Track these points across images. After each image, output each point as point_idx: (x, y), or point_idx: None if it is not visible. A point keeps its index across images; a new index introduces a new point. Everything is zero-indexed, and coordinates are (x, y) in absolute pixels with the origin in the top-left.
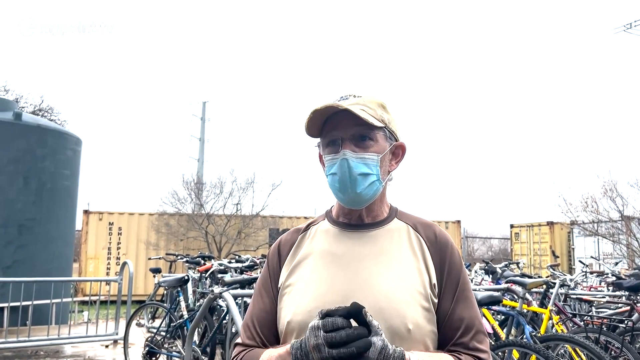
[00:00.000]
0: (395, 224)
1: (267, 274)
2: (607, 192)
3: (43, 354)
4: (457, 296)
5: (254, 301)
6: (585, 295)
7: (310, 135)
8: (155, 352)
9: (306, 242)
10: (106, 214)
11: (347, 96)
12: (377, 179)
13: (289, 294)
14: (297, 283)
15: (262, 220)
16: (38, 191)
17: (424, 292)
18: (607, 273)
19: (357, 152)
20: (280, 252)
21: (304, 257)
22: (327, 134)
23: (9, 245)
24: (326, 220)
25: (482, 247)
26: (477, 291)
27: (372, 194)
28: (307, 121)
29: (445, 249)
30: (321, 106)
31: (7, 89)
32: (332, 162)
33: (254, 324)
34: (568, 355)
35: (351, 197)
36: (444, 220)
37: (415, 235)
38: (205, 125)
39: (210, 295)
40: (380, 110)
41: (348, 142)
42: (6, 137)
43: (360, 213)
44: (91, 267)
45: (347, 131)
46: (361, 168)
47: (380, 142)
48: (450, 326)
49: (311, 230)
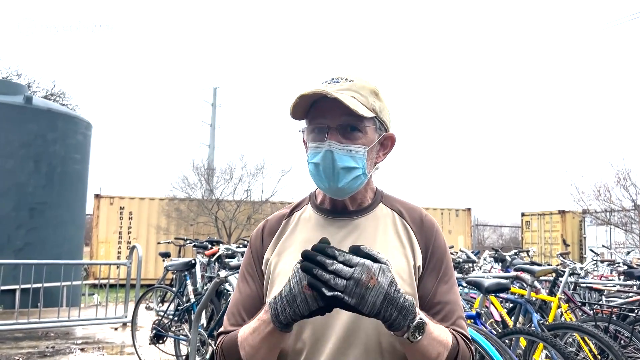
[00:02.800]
0: (381, 211)
1: (251, 259)
2: (621, 181)
3: (53, 335)
4: (439, 279)
5: (239, 287)
6: (595, 284)
7: (294, 119)
8: (163, 335)
9: (289, 229)
10: (117, 198)
11: (339, 79)
12: (363, 172)
13: (274, 284)
14: (281, 272)
15: (272, 206)
16: (49, 175)
17: (409, 279)
18: (619, 262)
19: (343, 143)
20: (264, 237)
21: (288, 246)
22: (312, 119)
23: (20, 228)
24: (309, 206)
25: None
26: (486, 278)
27: (356, 187)
28: (292, 106)
29: (430, 233)
30: (309, 92)
31: (19, 74)
32: (315, 151)
33: (239, 311)
34: (576, 344)
35: (333, 190)
36: (455, 207)
37: (401, 220)
38: (216, 111)
39: (217, 279)
40: (372, 97)
41: (335, 132)
42: (17, 121)
43: (344, 201)
44: (102, 251)
45: (335, 120)
46: (346, 161)
47: (369, 134)
48: (431, 309)
49: (295, 216)
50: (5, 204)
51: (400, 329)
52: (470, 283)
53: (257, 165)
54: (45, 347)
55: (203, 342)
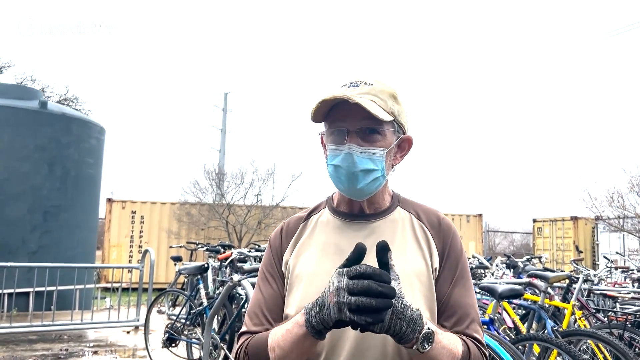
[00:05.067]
0: (398, 214)
1: (272, 259)
2: (634, 187)
3: (66, 338)
4: (455, 281)
5: (259, 287)
6: (610, 291)
7: (315, 122)
8: (175, 338)
9: (307, 231)
10: (129, 202)
11: (358, 82)
12: (382, 174)
13: (293, 286)
14: (300, 274)
15: (282, 211)
16: (63, 178)
17: (427, 282)
18: (633, 269)
19: (363, 146)
20: (283, 239)
21: (306, 248)
22: (332, 123)
23: (34, 231)
24: (327, 209)
25: (503, 242)
26: (498, 284)
27: (375, 189)
28: (314, 110)
29: (447, 234)
30: (330, 97)
31: (33, 79)
32: (335, 153)
33: (262, 310)
34: (591, 351)
35: (353, 191)
36: (466, 213)
37: (419, 223)
38: (226, 116)
39: (229, 283)
40: (391, 101)
41: (354, 135)
42: (32, 125)
43: (361, 203)
44: (114, 255)
45: (355, 123)
46: (366, 163)
47: (388, 137)
48: (446, 311)
49: (312, 219)
50: (20, 207)
51: (409, 341)
52: (483, 289)
53: (268, 170)
54: (58, 349)
55: (215, 346)
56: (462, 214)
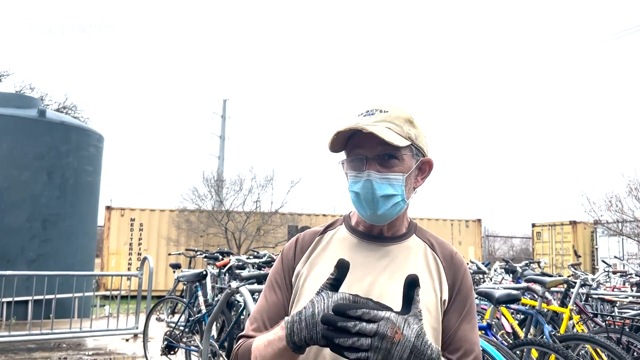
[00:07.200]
0: (414, 242)
1: (281, 269)
2: (633, 191)
3: (65, 347)
4: (462, 317)
5: (265, 294)
6: (608, 295)
7: (333, 152)
8: (174, 346)
9: (321, 245)
10: (128, 210)
11: (373, 111)
12: (402, 199)
13: (301, 297)
14: (309, 287)
15: (281, 218)
16: (62, 186)
17: (435, 313)
18: (631, 273)
19: (381, 172)
20: (296, 251)
21: (319, 262)
22: (351, 151)
23: (33, 239)
24: (344, 227)
25: (503, 247)
26: (496, 289)
27: (396, 214)
28: (330, 142)
29: (459, 270)
30: (345, 128)
31: (32, 87)
32: (355, 180)
33: (263, 317)
34: (589, 355)
35: (374, 217)
36: (465, 218)
37: (432, 254)
38: (225, 122)
39: (228, 290)
40: (407, 126)
41: (372, 162)
42: (31, 134)
43: (381, 227)
44: (113, 262)
45: (372, 150)
46: (385, 189)
47: (406, 161)
48: (452, 344)
49: (328, 234)
50: (20, 215)
51: None
52: (481, 294)
53: (267, 176)
54: (57, 358)
55: (214, 353)
56: (461, 219)
